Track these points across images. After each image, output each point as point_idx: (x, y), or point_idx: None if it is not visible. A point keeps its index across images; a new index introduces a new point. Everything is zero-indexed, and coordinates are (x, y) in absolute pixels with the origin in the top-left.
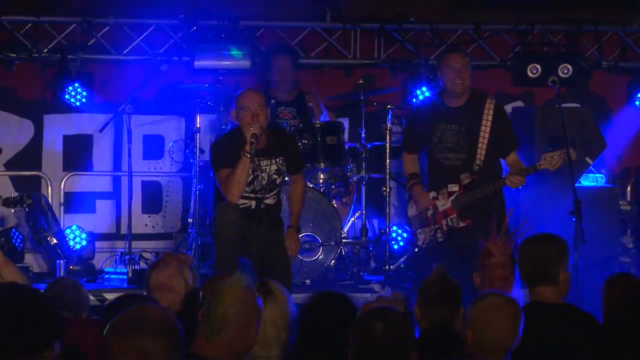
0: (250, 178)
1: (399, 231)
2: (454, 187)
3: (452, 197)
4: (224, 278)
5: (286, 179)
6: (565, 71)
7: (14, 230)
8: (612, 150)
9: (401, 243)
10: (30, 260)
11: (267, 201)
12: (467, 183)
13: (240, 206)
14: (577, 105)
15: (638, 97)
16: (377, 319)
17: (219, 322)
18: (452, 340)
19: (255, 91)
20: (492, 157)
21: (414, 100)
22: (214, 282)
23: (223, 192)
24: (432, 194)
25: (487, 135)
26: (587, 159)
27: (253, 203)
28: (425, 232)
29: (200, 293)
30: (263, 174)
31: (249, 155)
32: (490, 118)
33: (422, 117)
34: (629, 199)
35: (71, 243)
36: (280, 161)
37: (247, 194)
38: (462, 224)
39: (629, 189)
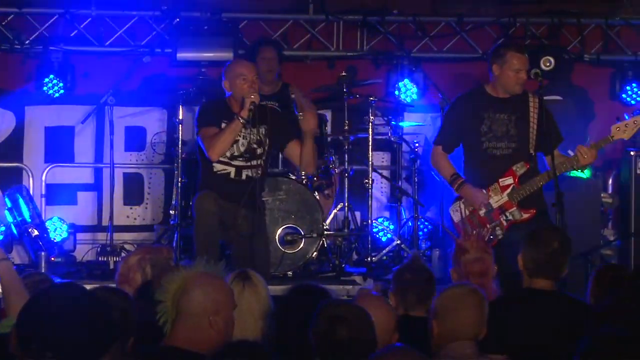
0: None
1: (385, 223)
2: (508, 180)
3: (508, 190)
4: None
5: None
6: (548, 64)
7: None
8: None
9: (388, 235)
10: (12, 252)
11: (246, 172)
12: (522, 173)
13: (219, 173)
14: (559, 98)
15: (625, 90)
16: (337, 320)
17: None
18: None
19: (250, 62)
20: (538, 149)
21: (396, 93)
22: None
23: (205, 148)
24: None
25: (535, 125)
26: (569, 152)
27: (232, 170)
28: (480, 234)
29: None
30: (243, 140)
31: (242, 121)
32: (536, 110)
33: (465, 109)
34: (610, 191)
35: (52, 235)
36: (263, 131)
37: (224, 159)
38: (525, 215)
39: (610, 181)
